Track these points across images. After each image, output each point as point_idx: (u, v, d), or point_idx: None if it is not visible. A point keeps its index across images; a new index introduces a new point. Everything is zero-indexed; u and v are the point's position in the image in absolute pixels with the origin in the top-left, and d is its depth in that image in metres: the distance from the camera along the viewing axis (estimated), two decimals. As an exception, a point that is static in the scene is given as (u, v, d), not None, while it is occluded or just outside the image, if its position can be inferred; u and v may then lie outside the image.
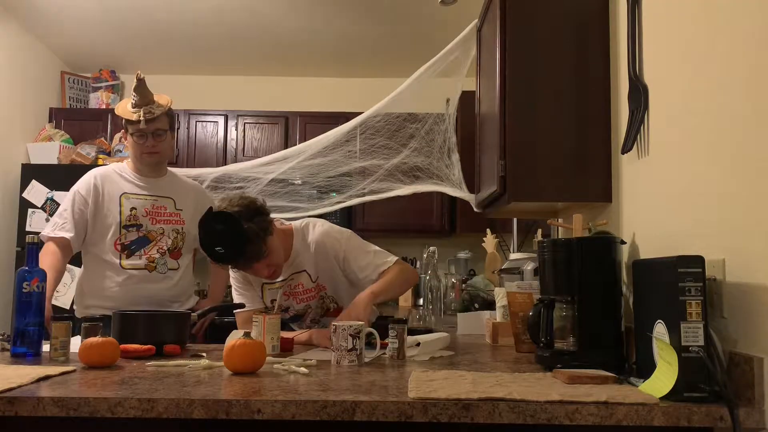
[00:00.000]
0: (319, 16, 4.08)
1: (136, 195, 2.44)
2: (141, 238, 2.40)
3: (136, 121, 2.35)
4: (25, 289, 1.74)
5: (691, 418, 1.16)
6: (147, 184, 2.48)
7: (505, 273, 2.59)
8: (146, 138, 2.39)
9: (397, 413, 1.18)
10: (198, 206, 2.49)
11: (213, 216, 1.95)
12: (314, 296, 2.22)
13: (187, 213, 2.50)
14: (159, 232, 2.43)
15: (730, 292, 1.29)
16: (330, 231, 2.20)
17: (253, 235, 1.93)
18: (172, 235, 2.46)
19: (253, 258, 1.97)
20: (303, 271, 2.18)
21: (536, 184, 1.95)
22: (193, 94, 5.01)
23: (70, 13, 4.07)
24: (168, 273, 2.44)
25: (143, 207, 2.43)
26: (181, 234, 2.48)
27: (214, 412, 1.19)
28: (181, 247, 2.48)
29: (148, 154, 2.42)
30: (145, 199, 2.45)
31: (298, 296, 2.22)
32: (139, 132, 2.37)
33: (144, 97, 2.40)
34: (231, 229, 1.91)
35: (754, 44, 1.22)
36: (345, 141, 3.24)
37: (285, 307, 2.24)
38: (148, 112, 2.38)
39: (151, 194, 2.46)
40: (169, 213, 2.47)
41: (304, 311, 2.24)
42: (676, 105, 1.53)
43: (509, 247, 3.87)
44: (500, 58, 1.99)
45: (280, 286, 2.20)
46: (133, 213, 2.41)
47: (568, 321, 1.62)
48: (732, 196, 1.29)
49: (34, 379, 1.35)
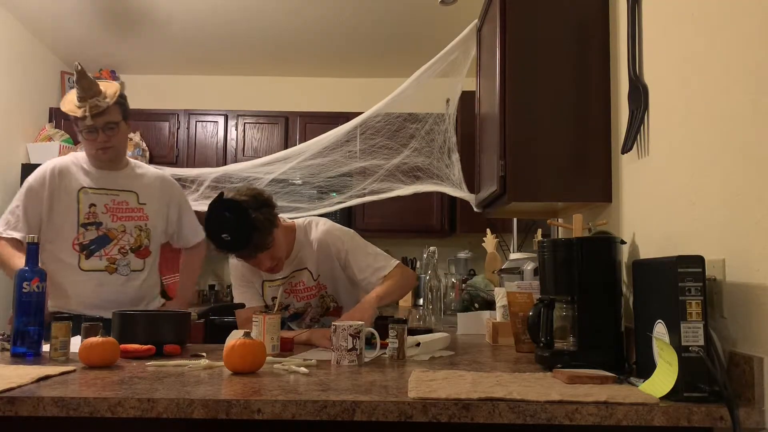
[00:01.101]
0: (319, 16, 4.08)
1: (95, 190, 2.27)
2: (101, 237, 2.25)
3: (81, 117, 2.17)
4: (25, 289, 1.74)
5: (691, 418, 1.16)
6: (107, 177, 2.31)
7: (505, 273, 2.59)
8: (97, 133, 2.20)
9: (397, 413, 1.18)
10: (164, 198, 2.40)
11: (221, 203, 1.94)
12: (315, 294, 2.22)
13: (151, 207, 2.36)
14: (120, 230, 2.28)
15: (730, 292, 1.29)
16: (333, 229, 2.22)
17: (260, 224, 1.94)
18: (134, 232, 2.31)
19: (258, 248, 1.96)
20: (305, 268, 2.19)
21: (536, 184, 1.95)
22: (193, 94, 5.02)
23: (71, 13, 4.07)
24: (131, 275, 2.30)
25: (103, 203, 2.27)
26: (146, 230, 2.33)
27: (214, 412, 1.19)
28: (148, 245, 2.34)
29: (102, 150, 2.24)
30: (105, 194, 2.28)
31: (298, 294, 2.22)
32: (88, 128, 2.19)
33: (88, 90, 2.18)
34: (239, 217, 1.92)
35: (754, 44, 1.22)
36: (345, 141, 3.24)
37: (285, 305, 2.24)
38: (95, 106, 2.17)
39: (111, 188, 2.30)
40: (131, 208, 2.31)
41: (305, 309, 2.24)
42: (676, 105, 1.53)
43: (509, 247, 3.87)
44: (500, 58, 1.99)
45: (281, 283, 2.20)
46: (92, 210, 2.25)
47: (568, 321, 1.62)
48: (732, 196, 1.29)
49: (34, 379, 1.35)
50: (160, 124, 4.74)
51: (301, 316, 2.27)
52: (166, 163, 4.42)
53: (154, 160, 4.54)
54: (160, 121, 4.74)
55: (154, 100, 4.97)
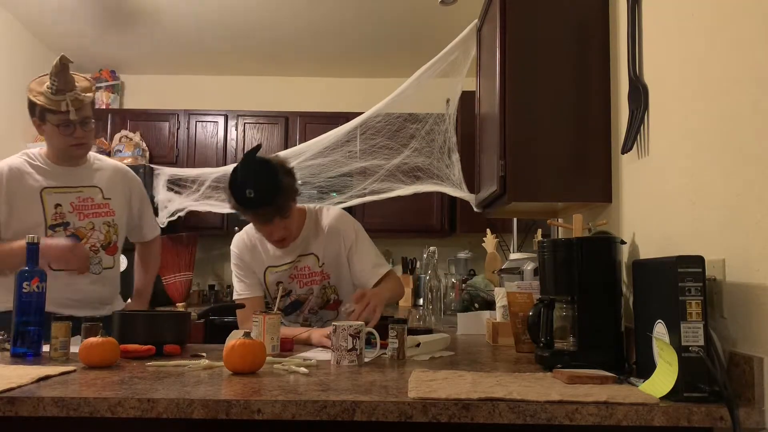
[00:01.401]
0: (319, 17, 4.08)
1: (57, 189, 2.17)
2: (70, 237, 2.17)
3: (64, 111, 2.08)
4: (25, 289, 1.74)
5: (691, 418, 1.16)
6: (68, 174, 2.21)
7: (505, 273, 2.59)
8: (74, 129, 2.12)
9: (397, 413, 1.18)
10: (126, 190, 2.34)
11: (253, 158, 1.93)
12: (318, 281, 2.23)
13: (116, 202, 2.28)
14: (89, 228, 2.19)
15: (730, 292, 1.29)
16: (344, 216, 2.27)
17: (286, 189, 1.97)
18: (103, 228, 2.23)
19: (278, 210, 1.97)
20: (311, 253, 2.21)
21: (536, 184, 1.95)
22: (193, 94, 5.02)
23: (71, 13, 4.07)
24: (103, 273, 2.23)
25: (68, 201, 2.18)
26: (113, 226, 2.26)
27: (214, 412, 1.19)
28: (116, 241, 2.27)
29: (77, 146, 2.16)
30: (69, 192, 2.19)
31: (302, 279, 2.22)
32: (65, 122, 2.10)
33: (68, 83, 2.10)
34: (268, 175, 1.94)
35: (754, 44, 1.22)
36: (345, 141, 3.24)
37: (287, 291, 2.24)
38: (76, 100, 2.09)
39: (74, 185, 2.20)
40: (96, 204, 2.23)
41: (306, 297, 2.25)
42: (676, 105, 1.53)
43: (509, 247, 3.87)
44: (500, 58, 1.99)
45: (286, 268, 2.21)
46: (58, 210, 2.16)
47: (568, 321, 1.62)
48: (732, 196, 1.29)
49: (34, 379, 1.35)
50: (160, 124, 4.74)
51: (301, 305, 2.26)
52: (166, 163, 4.43)
53: (155, 160, 4.55)
54: (160, 121, 4.74)
55: (154, 100, 4.98)
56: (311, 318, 2.27)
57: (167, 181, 3.92)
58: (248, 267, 2.24)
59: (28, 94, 2.14)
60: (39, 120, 2.14)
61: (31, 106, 2.13)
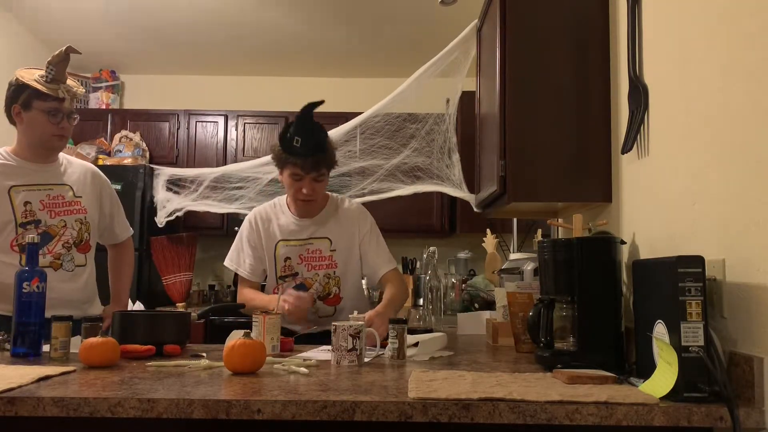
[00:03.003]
0: (318, 17, 4.08)
1: (27, 186, 2.13)
2: (42, 234, 2.12)
3: (61, 98, 2.08)
4: (25, 289, 1.74)
5: (691, 418, 1.16)
6: (37, 171, 2.17)
7: (505, 273, 2.59)
8: (61, 119, 2.12)
9: (397, 413, 1.18)
10: (96, 190, 2.31)
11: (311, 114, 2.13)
12: (325, 267, 2.26)
13: (87, 199, 2.25)
14: (61, 225, 2.16)
15: (730, 292, 1.29)
16: (362, 209, 2.39)
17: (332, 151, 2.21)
18: (76, 226, 2.19)
19: (327, 161, 2.17)
20: (326, 237, 2.27)
21: (536, 184, 1.95)
22: (193, 94, 5.02)
23: (71, 13, 4.07)
24: (76, 270, 2.20)
25: (38, 199, 2.14)
26: (86, 224, 2.22)
27: (214, 412, 1.19)
28: (88, 239, 2.24)
29: (59, 137, 2.14)
30: (39, 189, 2.15)
31: (312, 262, 2.26)
32: (55, 110, 2.09)
33: (63, 75, 2.12)
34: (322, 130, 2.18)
35: (754, 44, 1.22)
36: (345, 141, 3.24)
37: (294, 272, 2.26)
38: (70, 91, 2.12)
39: (44, 183, 2.16)
40: (68, 202, 2.20)
41: (311, 283, 2.26)
42: (676, 105, 1.53)
43: (509, 247, 3.87)
44: (500, 58, 1.99)
45: (298, 244, 2.26)
46: (28, 208, 2.12)
47: (568, 321, 1.62)
48: (732, 196, 1.29)
49: (34, 379, 1.35)
50: (160, 124, 4.74)
51: (305, 289, 2.26)
52: (166, 163, 4.43)
53: (155, 160, 4.55)
54: (160, 121, 4.74)
55: (154, 100, 4.98)
56: (308, 309, 2.27)
57: (167, 181, 3.92)
58: (258, 237, 2.28)
59: (18, 79, 2.11)
60: (22, 107, 2.10)
61: (18, 90, 2.10)
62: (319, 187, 2.20)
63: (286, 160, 2.16)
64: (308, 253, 2.26)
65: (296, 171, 2.15)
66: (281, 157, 2.17)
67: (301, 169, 2.14)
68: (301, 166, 2.13)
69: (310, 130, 2.13)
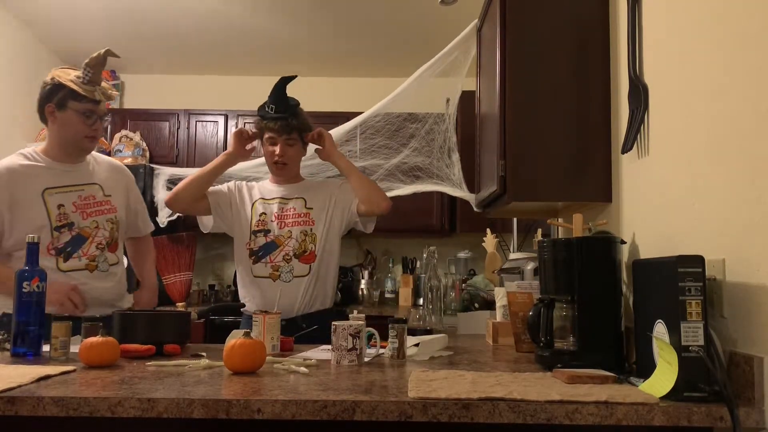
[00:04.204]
0: (318, 17, 4.08)
1: (59, 189, 2.14)
2: (75, 237, 2.13)
3: (96, 100, 2.13)
4: (25, 289, 1.74)
5: (691, 418, 1.16)
6: (68, 172, 2.18)
7: (505, 273, 2.59)
8: (95, 121, 2.15)
9: (397, 413, 1.18)
10: (122, 186, 2.33)
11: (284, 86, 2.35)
12: (300, 223, 2.35)
13: (116, 197, 2.27)
14: (93, 227, 2.16)
15: (730, 292, 1.29)
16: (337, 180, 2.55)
17: (304, 117, 2.39)
18: (107, 226, 2.20)
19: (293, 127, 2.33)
20: (300, 197, 2.40)
21: (536, 184, 1.95)
22: (193, 94, 5.01)
23: (71, 13, 4.07)
24: (110, 270, 2.21)
25: (71, 201, 2.14)
26: (116, 223, 2.24)
27: (214, 412, 1.19)
28: (117, 238, 2.26)
29: (91, 138, 2.17)
30: (70, 191, 2.16)
31: (285, 219, 2.36)
32: (90, 111, 2.13)
33: (100, 77, 2.18)
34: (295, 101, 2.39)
35: (754, 44, 1.22)
36: (345, 141, 3.24)
37: (267, 230, 2.35)
38: (106, 94, 2.17)
39: (75, 184, 2.17)
40: (98, 202, 2.20)
41: (284, 240, 2.33)
42: (676, 105, 1.53)
43: (509, 247, 3.87)
44: (500, 58, 1.99)
45: (275, 202, 2.39)
46: (61, 211, 2.12)
47: (568, 321, 1.62)
48: (732, 196, 1.29)
49: (34, 379, 1.35)
50: (160, 124, 4.74)
51: (276, 248, 2.32)
52: (166, 163, 4.43)
53: (155, 160, 4.54)
54: (160, 121, 4.74)
55: (154, 100, 4.97)
56: (282, 266, 2.30)
57: (167, 180, 3.92)
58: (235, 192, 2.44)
59: (54, 78, 2.13)
60: (56, 106, 2.12)
61: (54, 90, 2.12)
62: (291, 151, 2.37)
63: (264, 127, 2.36)
64: (282, 211, 2.38)
65: (271, 135, 2.35)
66: (260, 126, 2.38)
67: (275, 132, 2.33)
68: (274, 129, 2.33)
69: (283, 99, 2.35)
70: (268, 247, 2.32)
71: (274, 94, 2.36)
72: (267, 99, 2.37)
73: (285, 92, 2.37)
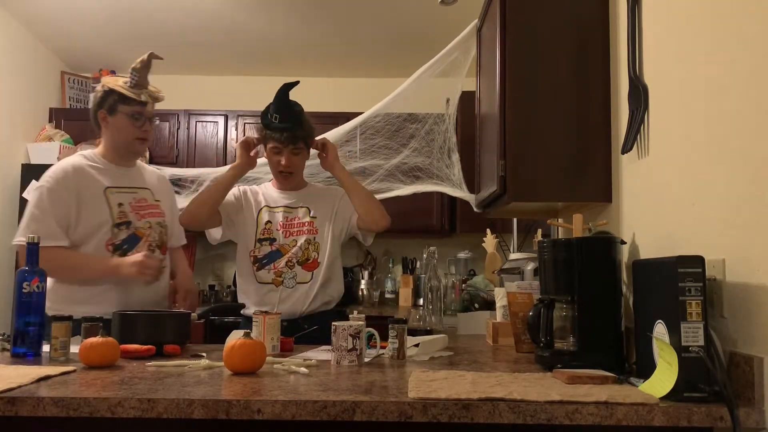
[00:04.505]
0: (318, 17, 4.08)
1: (119, 189, 2.23)
2: (131, 236, 2.21)
3: (142, 102, 2.22)
4: (25, 289, 1.74)
5: (691, 418, 1.16)
6: (125, 174, 2.28)
7: (505, 273, 2.59)
8: (144, 121, 2.25)
9: (397, 413, 1.18)
10: (168, 195, 2.42)
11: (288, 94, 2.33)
12: (305, 232, 2.34)
13: (165, 204, 2.36)
14: (146, 227, 2.25)
15: (730, 292, 1.29)
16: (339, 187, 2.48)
17: (309, 125, 2.35)
18: (158, 229, 2.29)
19: (299, 137, 2.29)
20: (305, 206, 2.38)
21: (536, 184, 1.95)
22: (193, 94, 5.01)
23: (70, 13, 4.07)
24: (163, 272, 2.27)
25: (127, 202, 2.23)
26: (164, 227, 2.32)
27: (214, 412, 1.19)
28: (166, 242, 2.34)
29: (141, 140, 2.26)
30: (128, 192, 2.25)
31: (290, 228, 2.35)
32: (138, 113, 2.23)
33: (146, 80, 2.29)
34: (301, 109, 2.35)
35: (754, 44, 1.22)
36: (345, 141, 3.24)
37: (272, 238, 2.34)
38: (153, 96, 2.27)
39: (131, 186, 2.27)
40: (150, 205, 2.29)
41: (288, 249, 2.32)
42: (676, 105, 1.53)
43: (509, 247, 3.87)
44: (500, 58, 1.99)
45: (281, 210, 2.37)
46: (121, 209, 2.21)
47: (568, 321, 1.62)
48: (732, 196, 1.29)
49: (34, 379, 1.35)
50: (160, 124, 4.73)
51: (281, 255, 2.32)
52: (166, 163, 4.42)
53: (154, 160, 4.54)
54: (160, 121, 4.74)
55: (154, 100, 4.97)
56: (285, 273, 2.30)
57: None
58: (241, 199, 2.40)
59: (104, 85, 2.25)
60: (108, 112, 2.23)
61: (105, 97, 2.23)
62: (296, 160, 2.35)
63: (268, 136, 2.32)
64: (287, 221, 2.37)
65: (276, 145, 2.32)
66: (264, 134, 2.34)
67: (280, 143, 2.30)
68: (279, 139, 2.29)
69: (286, 107, 2.31)
70: (273, 256, 2.32)
71: (277, 102, 2.32)
72: (270, 106, 2.33)
73: (288, 99, 2.33)
